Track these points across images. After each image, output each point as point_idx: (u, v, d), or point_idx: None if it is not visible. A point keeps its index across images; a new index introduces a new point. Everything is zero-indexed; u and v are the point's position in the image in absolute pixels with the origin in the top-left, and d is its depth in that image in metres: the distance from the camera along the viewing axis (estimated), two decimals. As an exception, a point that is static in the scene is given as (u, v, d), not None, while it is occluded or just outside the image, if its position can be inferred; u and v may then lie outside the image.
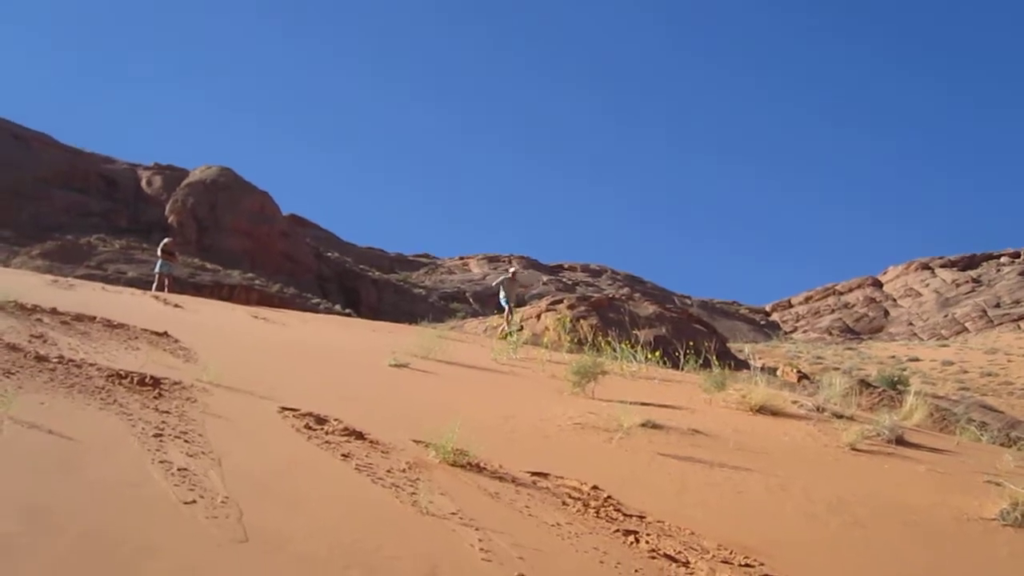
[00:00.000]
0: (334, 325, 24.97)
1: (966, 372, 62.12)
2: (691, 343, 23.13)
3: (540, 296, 70.28)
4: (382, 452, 7.87)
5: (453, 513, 6.43)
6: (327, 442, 7.88)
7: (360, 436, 8.25)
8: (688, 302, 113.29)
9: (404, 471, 7.32)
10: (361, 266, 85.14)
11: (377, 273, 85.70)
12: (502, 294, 26.48)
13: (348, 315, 47.74)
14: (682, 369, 19.47)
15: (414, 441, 8.46)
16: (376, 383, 12.85)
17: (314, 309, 49.30)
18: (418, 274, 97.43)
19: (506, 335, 24.09)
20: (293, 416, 8.73)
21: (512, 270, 27.49)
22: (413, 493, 6.68)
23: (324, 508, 6.05)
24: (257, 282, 56.68)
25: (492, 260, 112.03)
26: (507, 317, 26.18)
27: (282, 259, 68.03)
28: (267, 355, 14.41)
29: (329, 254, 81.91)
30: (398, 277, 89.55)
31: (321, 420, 8.66)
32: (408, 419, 9.72)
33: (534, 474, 8.13)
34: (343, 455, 7.50)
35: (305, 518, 5.76)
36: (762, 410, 13.19)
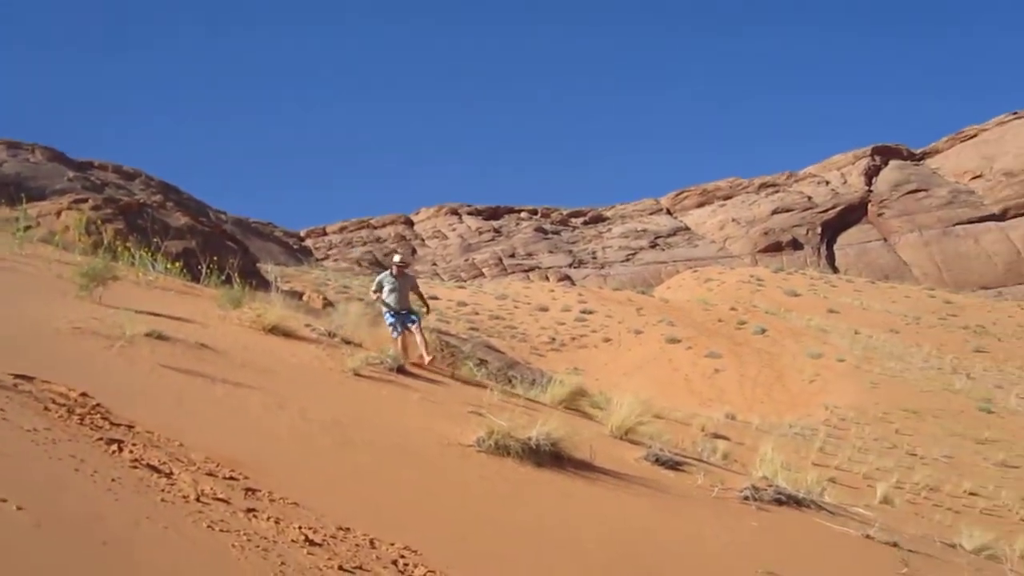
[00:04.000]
0: None
1: (477, 314, 66.66)
2: (216, 258, 22.76)
3: (63, 192, 65.40)
4: None
5: (-91, 413, 5.84)
6: None
7: None
8: (224, 218, 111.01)
9: None
10: None
11: None
12: (386, 300, 15.47)
13: None
14: (203, 283, 19.09)
15: None
16: None
17: None
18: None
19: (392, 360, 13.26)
20: None
21: (397, 259, 15.92)
22: None
23: None
24: None
25: (12, 146, 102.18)
26: (396, 340, 14.83)
27: None
28: None
29: None
30: None
31: None
32: None
33: (17, 376, 7.58)
34: None
35: None
36: (275, 330, 13.31)
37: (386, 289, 15.38)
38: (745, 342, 52.39)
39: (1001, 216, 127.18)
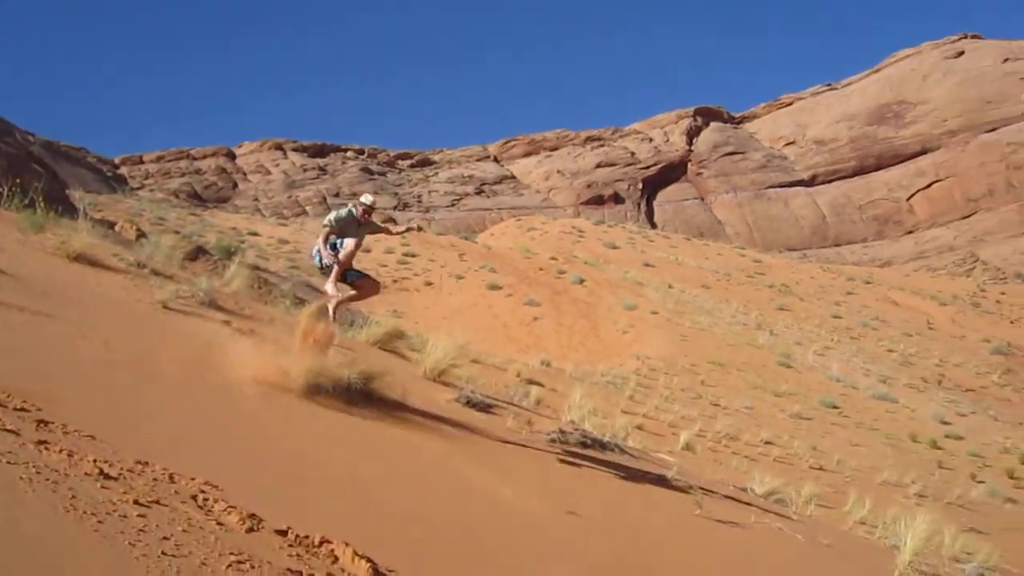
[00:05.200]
0: None
1: (299, 252, 65.46)
2: (19, 181, 21.54)
3: None
4: None
5: None
6: None
7: None
8: (31, 140, 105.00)
9: None
10: None
11: None
12: (325, 241, 10.92)
13: None
14: (3, 207, 18.07)
15: None
16: None
17: None
18: None
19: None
20: None
21: (368, 199, 11.30)
22: None
23: None
24: None
25: None
26: (331, 284, 10.94)
27: None
28: None
29: None
30: None
31: None
32: None
33: None
34: None
35: None
36: (80, 258, 12.72)
37: (335, 225, 10.88)
38: (564, 291, 53.38)
39: (810, 182, 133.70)
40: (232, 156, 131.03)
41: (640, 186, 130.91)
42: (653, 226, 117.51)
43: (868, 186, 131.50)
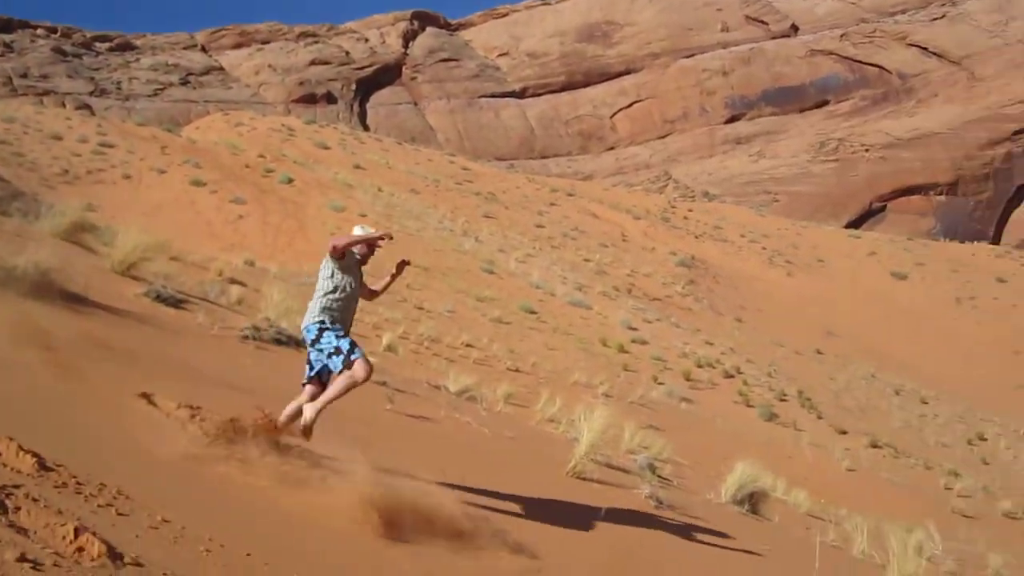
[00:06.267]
0: None
1: (-20, 137, 60.11)
2: None
3: None
4: None
5: None
6: None
7: None
8: None
9: None
10: None
11: None
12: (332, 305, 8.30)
13: None
14: None
15: None
16: None
17: None
18: None
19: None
20: None
21: (382, 236, 8.35)
22: None
23: None
24: None
25: None
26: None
27: None
28: None
29: None
30: None
31: None
32: None
33: None
34: None
35: None
36: None
37: (337, 282, 8.33)
38: (271, 190, 52.10)
39: (521, 94, 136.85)
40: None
41: (354, 87, 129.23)
42: (365, 128, 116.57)
43: (575, 102, 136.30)
